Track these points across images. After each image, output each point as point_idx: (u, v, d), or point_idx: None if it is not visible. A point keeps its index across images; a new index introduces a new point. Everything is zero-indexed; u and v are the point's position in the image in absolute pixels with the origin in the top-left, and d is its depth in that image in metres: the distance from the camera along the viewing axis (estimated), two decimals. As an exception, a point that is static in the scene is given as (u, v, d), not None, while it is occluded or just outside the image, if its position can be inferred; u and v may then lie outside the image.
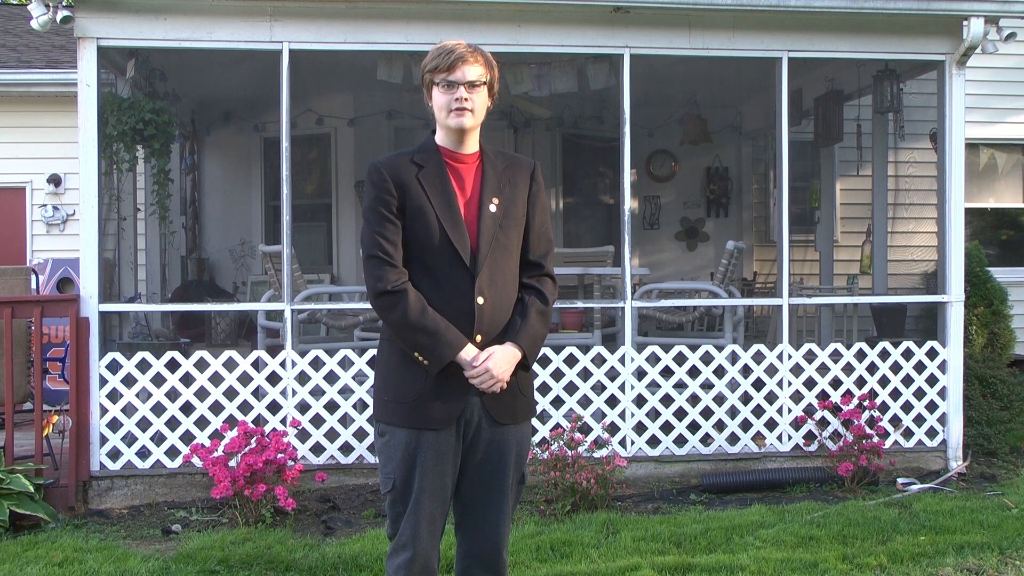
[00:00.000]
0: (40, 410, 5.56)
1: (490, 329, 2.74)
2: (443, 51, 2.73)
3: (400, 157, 2.80)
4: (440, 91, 2.73)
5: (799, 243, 9.29)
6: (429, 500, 2.72)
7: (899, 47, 6.43)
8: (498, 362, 2.70)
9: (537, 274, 2.87)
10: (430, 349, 2.67)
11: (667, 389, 6.17)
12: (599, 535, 4.87)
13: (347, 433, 5.92)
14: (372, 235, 2.72)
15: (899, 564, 4.41)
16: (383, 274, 2.71)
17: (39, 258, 8.79)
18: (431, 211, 2.72)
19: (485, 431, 2.76)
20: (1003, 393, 6.86)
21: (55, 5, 5.58)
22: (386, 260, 2.71)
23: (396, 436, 2.74)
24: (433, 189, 2.74)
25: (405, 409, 2.72)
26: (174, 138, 7.63)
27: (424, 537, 2.73)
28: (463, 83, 2.71)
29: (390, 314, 2.71)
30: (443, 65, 2.71)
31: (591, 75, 6.74)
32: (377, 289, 2.71)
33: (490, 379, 2.69)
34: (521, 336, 2.76)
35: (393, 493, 2.76)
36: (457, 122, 2.73)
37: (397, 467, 2.73)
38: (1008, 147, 9.50)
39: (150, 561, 4.53)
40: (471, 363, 2.69)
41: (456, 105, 2.71)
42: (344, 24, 5.94)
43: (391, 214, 2.72)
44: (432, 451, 2.70)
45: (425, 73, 2.78)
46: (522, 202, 2.84)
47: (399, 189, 2.72)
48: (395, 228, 2.72)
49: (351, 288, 7.66)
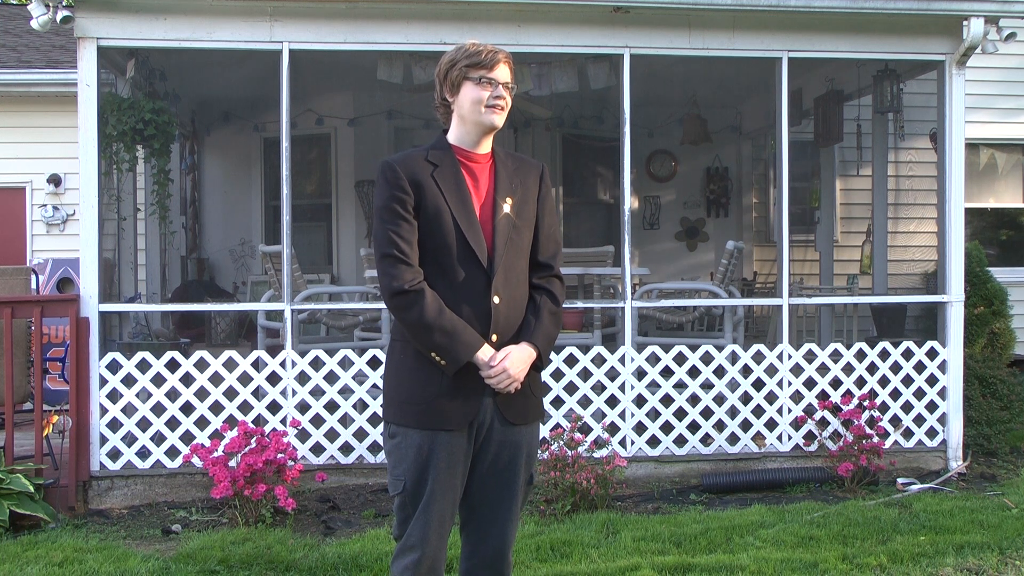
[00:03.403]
0: (40, 410, 5.56)
1: (505, 329, 2.75)
2: (484, 49, 2.75)
3: (414, 155, 2.78)
4: (475, 86, 2.74)
5: (799, 243, 9.29)
6: (440, 502, 2.71)
7: (899, 47, 6.43)
8: (515, 362, 2.71)
9: (547, 275, 2.89)
10: (447, 349, 2.65)
11: (667, 389, 6.17)
12: (599, 535, 4.87)
13: (347, 433, 5.92)
14: (387, 234, 2.69)
15: (899, 564, 4.41)
16: (399, 273, 2.67)
17: (39, 258, 8.78)
18: (447, 211, 2.71)
19: (497, 432, 2.76)
20: (1003, 393, 6.85)
21: (55, 5, 5.58)
22: (402, 259, 2.67)
23: (409, 438, 2.72)
24: (449, 189, 2.73)
25: (419, 410, 2.70)
26: (174, 138, 7.63)
27: (433, 539, 2.72)
28: (502, 83, 2.75)
29: (406, 314, 2.67)
30: (486, 63, 2.74)
31: (591, 75, 6.74)
32: (393, 288, 2.67)
33: (507, 379, 2.69)
34: (536, 336, 2.78)
35: (403, 495, 2.73)
36: (491, 119, 2.75)
37: (409, 469, 2.71)
38: (1008, 147, 9.50)
39: (150, 561, 4.53)
40: (488, 363, 2.69)
41: (493, 102, 2.74)
42: (344, 24, 5.94)
43: (407, 213, 2.69)
44: (445, 453, 2.69)
45: (456, 67, 2.76)
46: (533, 203, 2.85)
47: (415, 188, 2.70)
48: (411, 227, 2.70)
49: (351, 288, 7.66)
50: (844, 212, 9.49)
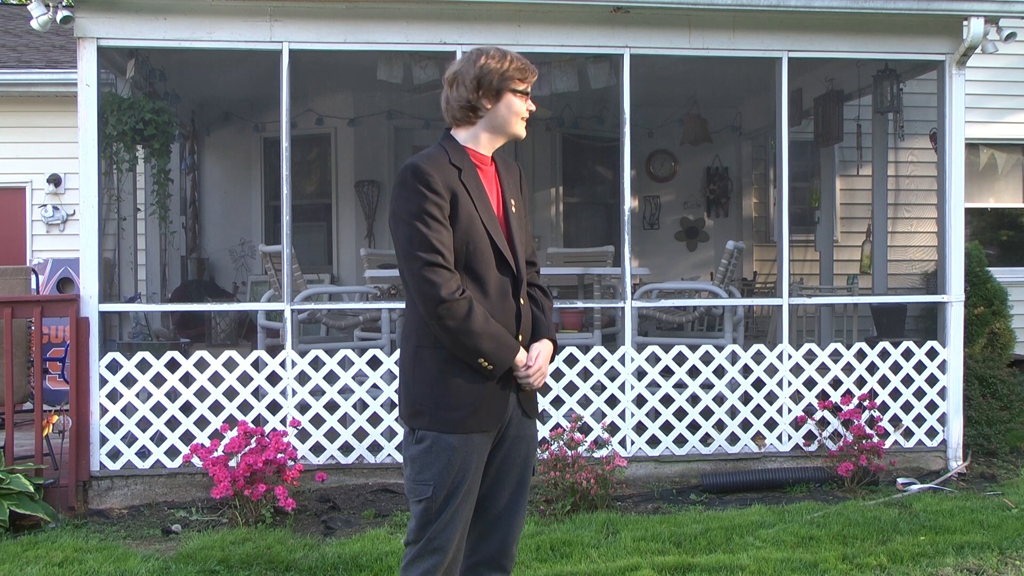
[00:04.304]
0: (40, 410, 5.56)
1: (526, 329, 2.85)
2: (528, 66, 2.82)
3: (440, 159, 2.75)
4: (519, 99, 2.80)
5: (799, 243, 9.29)
6: (468, 503, 2.73)
7: (899, 47, 6.43)
8: (545, 360, 2.84)
9: (533, 271, 2.98)
10: (495, 355, 2.69)
11: (667, 389, 6.17)
12: (599, 535, 4.87)
13: (347, 433, 5.91)
14: (428, 240, 2.63)
15: (899, 564, 4.40)
16: (444, 280, 2.64)
17: (39, 258, 8.78)
18: (477, 216, 2.73)
19: (514, 427, 2.83)
20: (1003, 393, 6.86)
21: (55, 5, 5.58)
22: (446, 266, 2.66)
23: (441, 442, 2.69)
24: (476, 194, 2.75)
25: (460, 416, 2.69)
26: (174, 138, 7.64)
27: (457, 541, 2.74)
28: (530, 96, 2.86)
29: (452, 321, 2.64)
30: (530, 78, 2.82)
31: (591, 75, 6.74)
32: (442, 297, 2.62)
33: (540, 377, 2.80)
34: (549, 330, 2.90)
35: (430, 500, 2.69)
36: (521, 130, 2.86)
37: (439, 473, 2.68)
38: (1008, 147, 9.50)
39: (150, 561, 4.53)
40: (527, 364, 2.78)
41: (525, 115, 2.84)
42: (344, 24, 5.94)
43: (444, 218, 2.67)
44: (477, 455, 2.73)
45: (503, 78, 2.76)
46: (525, 203, 2.96)
47: (449, 194, 2.69)
48: (449, 233, 2.68)
49: (351, 288, 7.67)
50: (844, 212, 9.49)
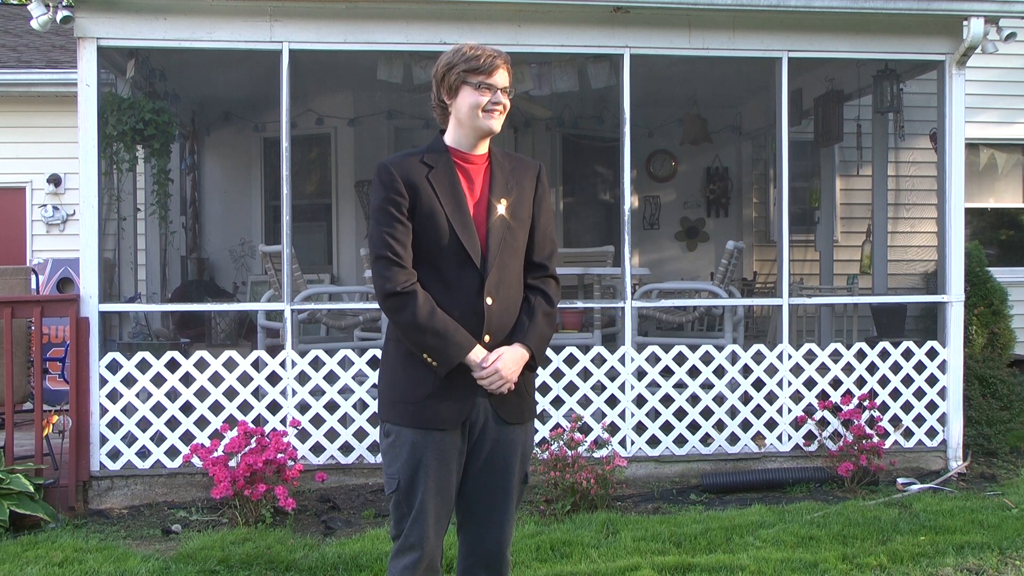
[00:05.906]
0: (40, 410, 5.56)
1: (498, 330, 2.76)
2: (483, 54, 2.76)
3: (410, 157, 2.79)
4: (473, 91, 2.75)
5: (799, 243, 9.29)
6: (434, 501, 2.72)
7: (899, 47, 6.43)
8: (507, 363, 2.72)
9: (542, 275, 2.89)
10: (439, 351, 2.67)
11: (667, 389, 6.17)
12: (599, 535, 4.87)
13: (347, 433, 5.91)
14: (382, 235, 2.71)
15: (899, 564, 4.41)
16: (392, 275, 2.69)
17: (39, 258, 8.78)
18: (441, 212, 2.72)
19: (491, 431, 2.77)
20: (1003, 393, 6.85)
21: (55, 5, 5.58)
22: (395, 261, 2.70)
23: (402, 436, 2.74)
24: (443, 190, 2.74)
25: (413, 409, 2.72)
26: (174, 138, 7.64)
27: (431, 537, 2.74)
28: (500, 88, 2.77)
29: (399, 315, 2.70)
30: (484, 68, 2.75)
31: (591, 75, 6.74)
32: (386, 290, 2.70)
33: (499, 380, 2.71)
34: (529, 337, 2.78)
35: (398, 494, 2.75)
36: (488, 124, 2.77)
37: (402, 467, 2.73)
38: (1008, 147, 9.50)
39: (150, 561, 4.53)
40: (480, 364, 2.70)
41: (491, 107, 2.76)
42: (344, 24, 5.94)
43: (401, 215, 2.71)
44: (437, 452, 2.71)
45: (454, 72, 2.76)
46: (528, 203, 2.86)
47: (409, 190, 2.72)
48: (405, 229, 2.71)
49: (351, 288, 7.66)
50: (844, 212, 9.48)
